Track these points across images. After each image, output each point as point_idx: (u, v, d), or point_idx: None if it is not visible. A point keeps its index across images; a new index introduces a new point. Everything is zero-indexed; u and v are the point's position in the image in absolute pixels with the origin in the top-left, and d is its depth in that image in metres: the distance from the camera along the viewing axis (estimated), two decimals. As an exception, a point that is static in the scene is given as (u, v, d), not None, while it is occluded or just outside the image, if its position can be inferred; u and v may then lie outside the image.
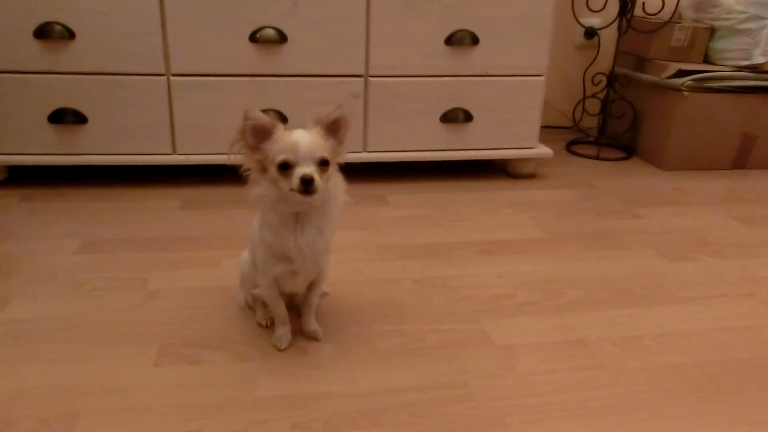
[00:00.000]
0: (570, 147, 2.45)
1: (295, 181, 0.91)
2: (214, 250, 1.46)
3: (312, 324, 1.14)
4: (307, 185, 0.91)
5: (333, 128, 0.97)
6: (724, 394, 1.02)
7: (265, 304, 1.15)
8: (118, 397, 0.95)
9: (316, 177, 0.91)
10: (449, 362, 1.07)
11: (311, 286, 1.12)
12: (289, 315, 1.12)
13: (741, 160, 2.29)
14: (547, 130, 2.43)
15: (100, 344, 1.09)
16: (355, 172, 2.12)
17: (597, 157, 2.34)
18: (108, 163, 1.82)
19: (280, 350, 1.09)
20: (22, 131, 1.76)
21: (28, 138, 1.77)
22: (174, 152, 1.85)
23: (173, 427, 0.90)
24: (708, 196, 2.00)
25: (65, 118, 1.75)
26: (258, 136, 0.94)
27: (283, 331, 1.10)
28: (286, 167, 0.92)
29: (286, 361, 1.06)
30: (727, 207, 1.90)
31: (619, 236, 1.65)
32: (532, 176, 2.10)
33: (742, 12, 2.22)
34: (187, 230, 1.59)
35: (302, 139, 0.92)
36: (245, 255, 1.18)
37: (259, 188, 0.97)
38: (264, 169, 0.96)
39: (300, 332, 1.14)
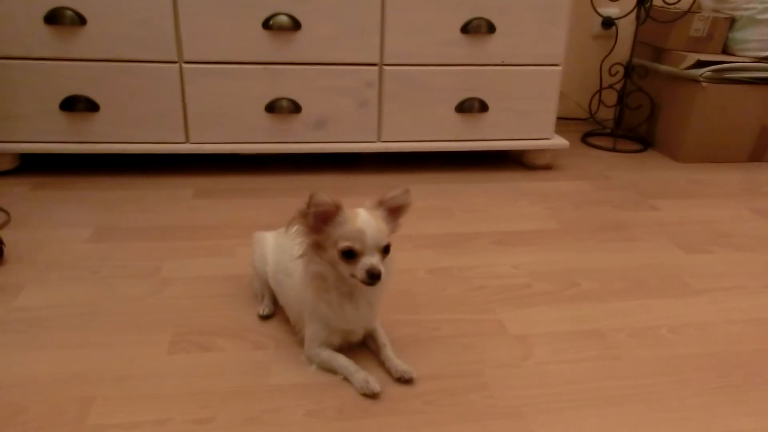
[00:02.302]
0: (586, 138, 2.42)
1: (360, 272, 0.90)
2: (228, 238, 1.46)
3: (399, 364, 0.99)
4: (374, 279, 0.89)
5: (395, 211, 0.96)
6: (740, 386, 1.00)
7: (273, 296, 1.14)
8: (132, 384, 0.95)
9: (382, 268, 0.90)
10: (464, 351, 1.06)
11: (369, 332, 1.06)
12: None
13: (759, 152, 2.24)
14: (563, 122, 2.40)
15: (114, 332, 1.09)
16: (368, 161, 2.11)
17: (613, 149, 2.31)
18: (120, 152, 1.82)
19: (376, 393, 0.94)
20: (34, 119, 1.75)
21: (40, 126, 1.76)
22: (187, 141, 1.84)
23: (187, 415, 0.89)
24: (725, 189, 1.96)
25: (77, 105, 1.75)
26: (320, 219, 0.92)
27: (363, 375, 0.96)
28: (351, 255, 0.90)
29: (300, 350, 1.05)
30: (744, 199, 1.86)
31: (635, 228, 1.62)
32: (547, 167, 2.08)
33: (763, 2, 2.17)
34: (200, 219, 1.58)
35: (369, 227, 0.90)
36: (258, 236, 1.18)
37: (315, 266, 0.95)
38: (320, 247, 0.94)
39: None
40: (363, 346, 1.06)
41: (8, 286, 1.22)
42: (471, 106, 1.92)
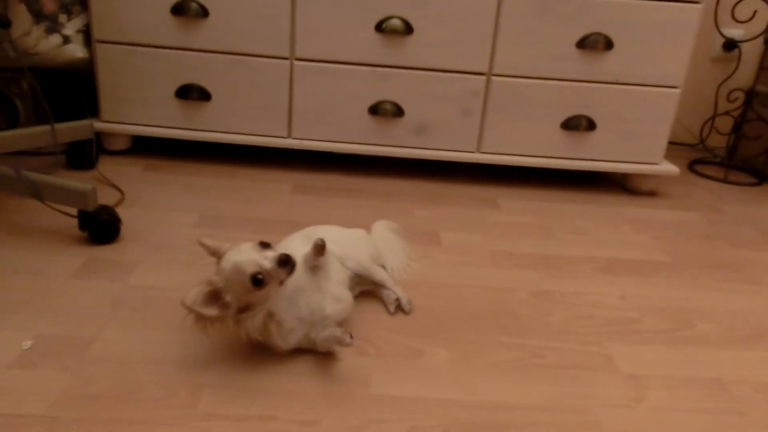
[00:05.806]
0: (692, 166, 2.28)
1: (274, 270, 0.89)
2: (326, 237, 1.46)
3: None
4: (287, 262, 0.90)
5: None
6: None
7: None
8: (242, 377, 0.96)
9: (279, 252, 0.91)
10: (571, 384, 1.01)
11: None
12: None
13: None
14: (668, 146, 2.27)
15: (221, 319, 1.11)
16: (464, 171, 2.07)
17: (724, 180, 2.16)
18: (227, 141, 1.87)
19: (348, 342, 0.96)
20: (150, 104, 1.84)
21: (155, 111, 1.85)
22: (289, 135, 1.87)
23: (292, 415, 0.89)
24: None
25: (191, 94, 1.82)
26: (213, 300, 0.90)
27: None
28: (259, 283, 0.89)
29: (401, 362, 1.04)
30: None
31: (756, 270, 1.50)
32: (651, 194, 1.97)
33: None
34: (298, 215, 1.60)
35: (241, 255, 0.91)
36: (359, 233, 1.24)
37: (251, 322, 0.94)
38: (244, 309, 0.93)
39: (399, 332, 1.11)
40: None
41: (124, 263, 1.27)
42: (578, 124, 1.85)
